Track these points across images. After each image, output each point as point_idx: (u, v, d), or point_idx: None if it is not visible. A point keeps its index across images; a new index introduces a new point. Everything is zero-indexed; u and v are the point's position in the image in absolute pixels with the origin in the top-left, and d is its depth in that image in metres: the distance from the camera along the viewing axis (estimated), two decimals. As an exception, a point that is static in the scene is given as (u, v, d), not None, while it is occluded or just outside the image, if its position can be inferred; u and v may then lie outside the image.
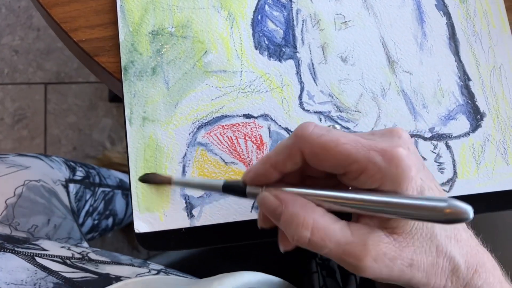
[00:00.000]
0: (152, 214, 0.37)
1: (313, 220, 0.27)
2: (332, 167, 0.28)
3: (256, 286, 0.40)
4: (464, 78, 0.45)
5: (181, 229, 0.37)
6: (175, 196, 0.37)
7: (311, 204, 0.28)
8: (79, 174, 0.66)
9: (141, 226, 0.37)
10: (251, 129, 0.40)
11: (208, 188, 0.35)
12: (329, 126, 0.37)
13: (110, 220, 0.75)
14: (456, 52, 0.45)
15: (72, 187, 0.62)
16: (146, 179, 0.37)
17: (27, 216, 0.51)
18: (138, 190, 0.37)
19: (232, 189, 0.32)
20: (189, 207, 0.38)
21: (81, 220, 0.65)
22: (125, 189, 0.80)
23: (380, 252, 0.26)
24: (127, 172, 0.96)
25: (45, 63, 1.32)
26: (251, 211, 0.38)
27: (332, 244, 0.27)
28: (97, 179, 0.71)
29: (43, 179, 0.55)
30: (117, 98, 1.26)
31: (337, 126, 0.41)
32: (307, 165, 0.29)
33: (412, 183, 0.27)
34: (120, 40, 0.39)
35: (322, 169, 0.28)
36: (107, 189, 0.73)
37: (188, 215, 0.37)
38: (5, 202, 0.51)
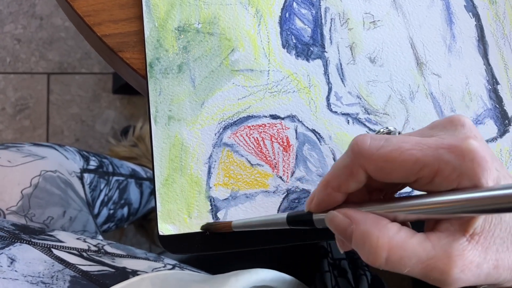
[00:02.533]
0: (177, 216, 0.36)
1: (389, 239, 0.24)
2: (401, 177, 0.26)
3: (270, 283, 0.39)
4: (493, 81, 0.44)
5: (205, 231, 0.36)
6: (200, 198, 0.36)
7: (384, 220, 0.25)
8: (93, 163, 0.65)
9: (165, 228, 0.36)
10: (278, 130, 0.39)
11: (271, 225, 0.32)
12: (381, 132, 0.35)
13: (125, 210, 0.74)
14: (485, 55, 0.44)
15: (87, 176, 0.61)
16: (207, 228, 0.36)
17: (43, 207, 0.50)
18: (162, 191, 0.36)
19: (297, 221, 0.30)
20: (214, 210, 0.37)
21: (96, 210, 0.64)
22: (138, 178, 0.79)
23: (467, 262, 0.24)
24: (138, 164, 0.95)
25: (48, 52, 1.30)
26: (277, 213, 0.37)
27: (413, 262, 0.24)
28: (110, 168, 0.70)
29: (59, 170, 0.54)
30: (120, 90, 1.25)
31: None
32: (372, 179, 0.27)
33: (490, 174, 0.24)
34: (145, 36, 0.38)
35: (391, 181, 0.26)
36: (121, 178, 0.72)
37: (213, 218, 0.36)
38: (21, 192, 0.49)
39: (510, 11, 0.46)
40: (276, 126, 0.39)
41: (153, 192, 0.66)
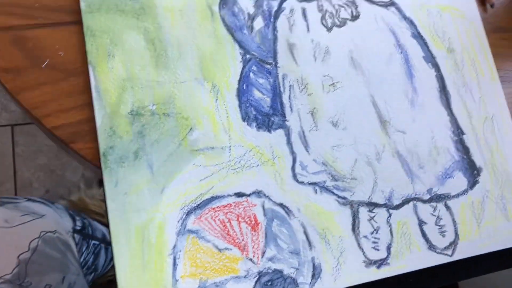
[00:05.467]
0: (144, 315, 0.34)
1: None
2: None
3: None
4: (458, 132, 0.44)
5: None
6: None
7: None
8: (78, 224, 0.62)
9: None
10: (244, 208, 0.37)
11: None
12: None
13: (91, 276, 0.71)
14: (448, 105, 0.44)
15: (76, 237, 0.58)
16: None
17: (41, 274, 0.47)
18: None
19: None
20: (184, 302, 0.35)
21: None
22: (108, 243, 0.76)
23: None
24: (102, 223, 0.91)
25: (10, 103, 1.26)
26: (250, 300, 0.36)
27: None
28: (90, 230, 0.67)
29: (58, 230, 0.50)
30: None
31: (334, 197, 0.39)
32: None
33: None
34: (97, 125, 0.36)
35: None
36: (97, 242, 0.69)
37: (183, 311, 0.34)
38: (18, 257, 0.45)
39: (468, 59, 0.46)
40: (242, 205, 0.37)
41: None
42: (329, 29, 0.43)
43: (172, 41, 0.39)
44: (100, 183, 1.15)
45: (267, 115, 0.40)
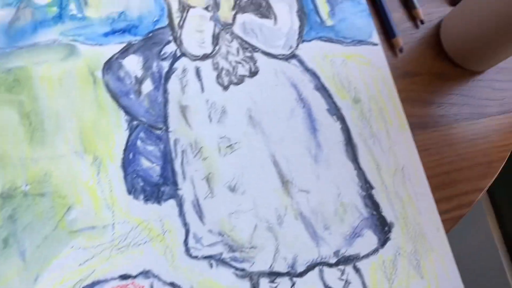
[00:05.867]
0: None
1: None
2: None
3: None
4: (366, 187, 0.42)
5: None
6: None
7: None
8: None
9: None
10: (131, 291, 0.35)
11: None
12: None
13: None
14: (355, 159, 0.42)
15: None
16: None
17: None
18: None
19: None
20: None
21: None
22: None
23: None
24: None
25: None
26: None
27: None
28: None
29: None
30: None
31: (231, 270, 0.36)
32: None
33: None
34: (-39, 212, 0.33)
35: None
36: None
37: None
38: None
39: (376, 108, 0.44)
40: None
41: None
42: (225, 88, 0.41)
43: (49, 113, 0.37)
44: None
45: (156, 185, 0.37)
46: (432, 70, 0.48)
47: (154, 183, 0.37)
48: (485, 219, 1.02)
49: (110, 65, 0.39)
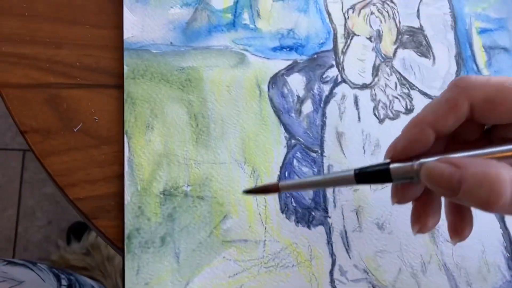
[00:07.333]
0: None
1: (509, 175, 0.22)
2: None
3: None
4: (511, 248, 0.40)
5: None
6: None
7: (494, 160, 0.23)
8: (64, 283, 0.57)
9: None
10: (273, 313, 0.33)
11: (333, 183, 0.29)
12: None
13: None
14: (502, 218, 0.40)
15: None
16: (249, 191, 0.31)
17: None
18: None
19: (370, 174, 0.26)
20: None
21: None
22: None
23: None
24: (89, 277, 0.86)
25: (26, 128, 1.24)
26: None
27: None
28: (77, 287, 0.63)
29: None
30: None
31: None
32: (463, 125, 0.26)
33: None
34: (126, 202, 0.33)
35: (493, 119, 0.25)
36: None
37: None
38: None
39: None
40: (271, 309, 0.33)
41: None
42: (381, 121, 0.40)
43: (215, 118, 0.36)
44: (75, 235, 1.09)
45: (308, 209, 0.36)
46: None
47: (306, 206, 0.36)
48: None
49: (276, 81, 0.39)
